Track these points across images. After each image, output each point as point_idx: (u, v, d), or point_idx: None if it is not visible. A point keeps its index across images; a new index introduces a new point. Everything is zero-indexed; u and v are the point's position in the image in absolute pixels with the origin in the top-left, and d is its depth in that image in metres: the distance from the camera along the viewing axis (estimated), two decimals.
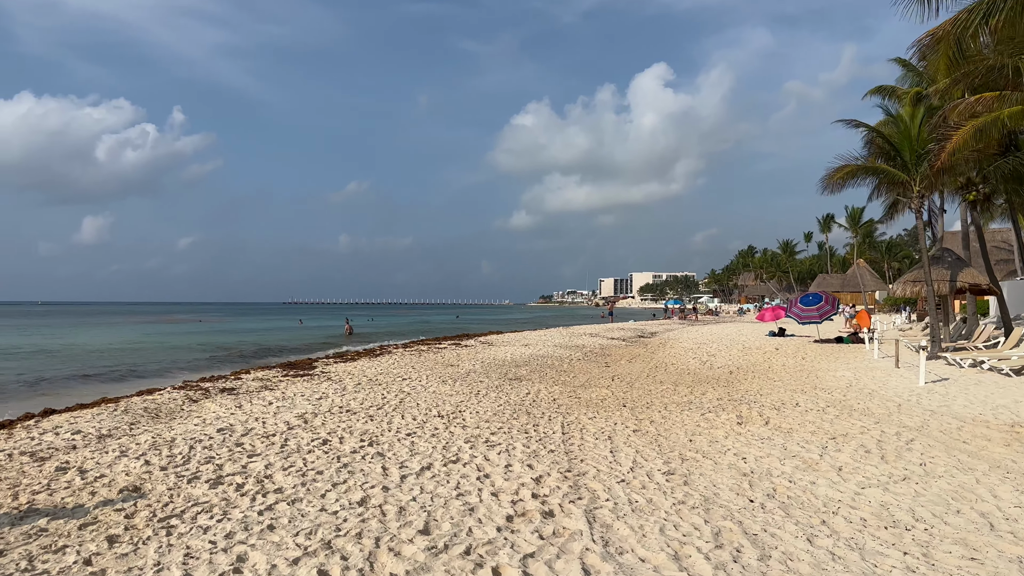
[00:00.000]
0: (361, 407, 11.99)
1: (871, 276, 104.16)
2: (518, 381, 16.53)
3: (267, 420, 10.59)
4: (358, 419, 10.75)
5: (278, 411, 11.50)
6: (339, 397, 13.19)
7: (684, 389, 15.34)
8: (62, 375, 22.12)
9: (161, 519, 5.76)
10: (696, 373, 18.99)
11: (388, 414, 11.30)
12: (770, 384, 15.98)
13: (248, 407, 11.95)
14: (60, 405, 13.87)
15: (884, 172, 22.81)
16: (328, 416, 11.00)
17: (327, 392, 13.96)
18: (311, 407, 11.93)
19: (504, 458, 8.09)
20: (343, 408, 11.84)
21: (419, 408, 11.95)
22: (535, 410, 11.98)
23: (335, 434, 9.44)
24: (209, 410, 11.70)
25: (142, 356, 30.11)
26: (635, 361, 22.96)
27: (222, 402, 12.49)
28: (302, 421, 10.50)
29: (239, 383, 15.60)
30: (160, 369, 24.06)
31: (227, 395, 13.59)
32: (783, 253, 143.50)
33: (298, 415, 11.02)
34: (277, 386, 15.07)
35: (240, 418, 10.75)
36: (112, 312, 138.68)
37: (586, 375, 18.50)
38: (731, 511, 6.09)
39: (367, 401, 12.72)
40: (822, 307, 30.39)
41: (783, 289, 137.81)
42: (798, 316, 30.71)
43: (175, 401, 12.78)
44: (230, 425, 10.11)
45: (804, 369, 19.40)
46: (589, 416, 11.37)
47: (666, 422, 10.86)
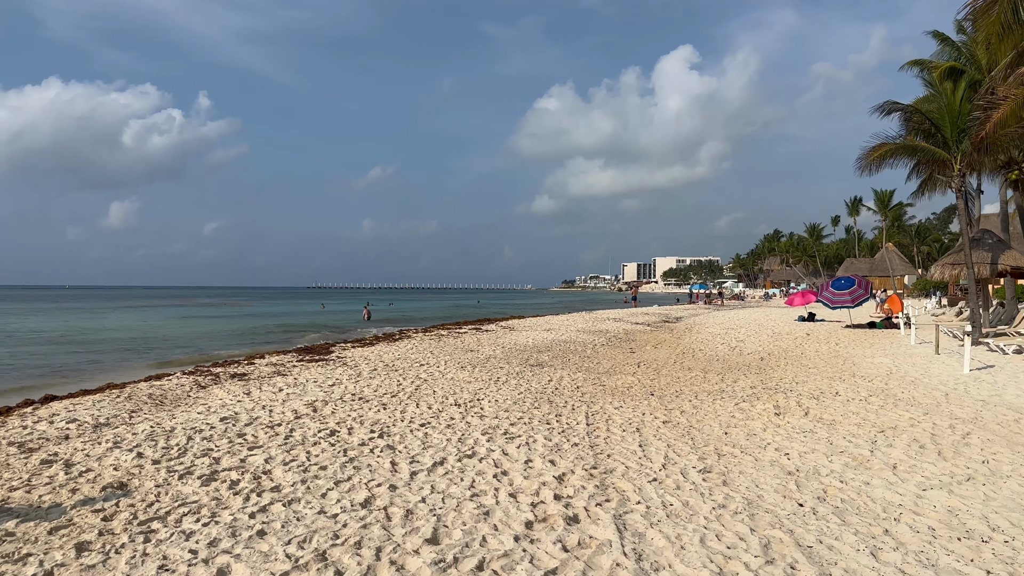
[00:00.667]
0: (375, 394, 11.41)
1: (900, 260, 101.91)
2: (540, 367, 15.88)
3: (274, 408, 10.03)
4: (370, 407, 10.16)
5: (287, 398, 10.95)
6: (353, 384, 12.62)
7: (714, 376, 14.60)
8: (78, 359, 21.86)
9: (142, 522, 5.19)
10: (725, 359, 18.21)
11: (402, 402, 10.70)
12: (805, 371, 15.17)
13: (257, 394, 11.42)
14: (73, 389, 13.49)
15: (923, 150, 21.72)
16: (339, 404, 10.43)
17: (341, 378, 13.40)
18: (322, 394, 11.37)
19: (524, 452, 7.44)
20: (356, 395, 11.26)
21: (435, 396, 11.34)
22: (557, 399, 11.33)
23: (344, 424, 8.86)
24: (216, 397, 11.19)
25: (161, 340, 29.89)
26: (661, 347, 22.21)
27: (231, 388, 11.98)
28: (311, 410, 9.93)
29: (251, 368, 15.11)
30: (176, 353, 23.72)
31: (237, 381, 13.08)
32: (810, 237, 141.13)
33: (308, 403, 10.46)
34: (290, 371, 14.55)
35: (247, 406, 10.21)
36: (138, 296, 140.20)
37: (611, 361, 17.80)
38: (779, 517, 5.40)
39: (381, 388, 12.15)
40: (855, 291, 29.34)
41: (810, 274, 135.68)
42: (830, 300, 29.69)
43: (182, 387, 12.30)
44: (235, 414, 9.57)
45: (839, 355, 18.53)
46: (615, 405, 10.69)
47: (698, 412, 10.15)
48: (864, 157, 21.89)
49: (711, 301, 66.19)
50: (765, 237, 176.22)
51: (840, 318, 34.88)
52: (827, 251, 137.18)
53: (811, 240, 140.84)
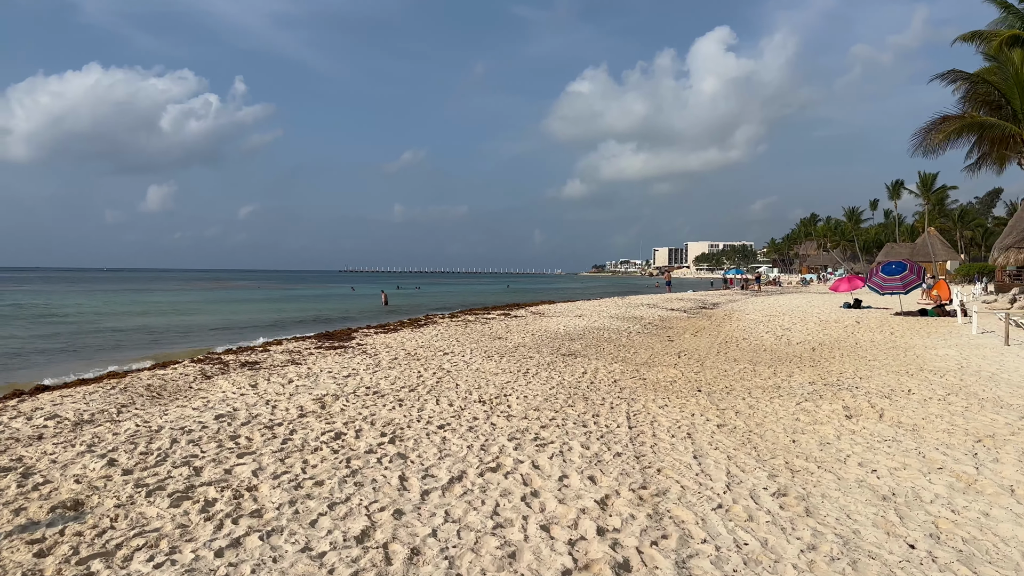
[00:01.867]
0: (392, 388, 10.34)
1: (942, 245, 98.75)
2: (572, 357, 14.72)
3: (279, 404, 9.01)
4: (385, 404, 9.09)
5: (296, 392, 9.93)
6: (369, 375, 11.58)
7: (765, 369, 13.31)
8: (97, 343, 21.19)
9: (81, 560, 4.15)
10: (773, 350, 16.87)
11: (421, 397, 9.62)
12: (865, 364, 13.81)
13: (264, 386, 10.42)
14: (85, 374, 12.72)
15: (992, 125, 20.04)
16: (351, 399, 9.38)
17: (357, 368, 12.37)
18: (335, 387, 10.33)
19: (558, 465, 6.30)
20: (371, 389, 10.21)
21: (458, 390, 10.24)
22: (594, 395, 10.16)
23: (352, 425, 7.79)
24: (219, 389, 10.22)
25: (183, 324, 29.27)
26: (701, 335, 20.89)
27: (236, 379, 11.00)
28: (319, 405, 8.89)
29: (265, 356, 14.17)
30: (196, 337, 22.98)
31: (247, 370, 12.13)
32: (848, 221, 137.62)
33: (316, 397, 9.42)
34: (305, 360, 13.57)
35: (249, 400, 9.21)
36: (173, 278, 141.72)
37: (648, 351, 16.57)
38: (890, 568, 4.19)
39: (400, 380, 11.08)
40: (906, 276, 27.63)
41: (848, 258, 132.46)
42: (879, 286, 28.02)
43: (186, 377, 11.36)
44: (233, 410, 8.56)
45: (897, 346, 17.09)
46: (659, 404, 9.49)
47: (755, 414, 8.92)
48: (928, 135, 20.27)
49: (747, 287, 64.33)
50: (801, 221, 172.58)
51: (887, 305, 33.14)
52: (866, 235, 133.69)
53: (849, 224, 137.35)
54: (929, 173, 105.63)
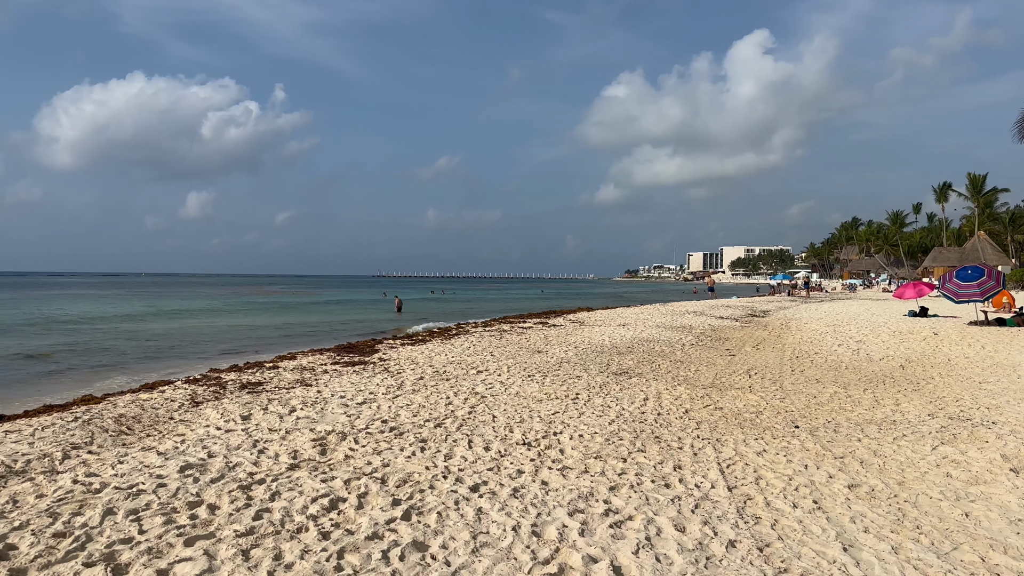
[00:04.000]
0: (413, 421, 8.37)
1: (993, 249, 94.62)
2: (626, 377, 12.64)
3: (269, 447, 7.08)
4: (403, 446, 7.12)
5: (295, 426, 8.01)
6: (388, 402, 9.63)
7: (860, 394, 11.11)
8: (98, 358, 19.61)
9: None
10: (856, 368, 14.60)
11: (449, 435, 7.63)
12: (978, 389, 11.52)
13: (258, 417, 8.53)
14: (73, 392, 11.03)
15: None
16: (361, 439, 7.42)
17: (376, 392, 10.44)
18: (344, 419, 8.39)
19: (649, 566, 4.25)
20: (388, 423, 8.24)
21: (495, 425, 8.23)
22: (666, 432, 8.08)
23: (356, 484, 5.80)
24: (203, 422, 8.34)
25: (204, 332, 27.74)
26: (763, 347, 18.65)
27: (228, 408, 9.12)
28: (318, 449, 6.95)
29: (273, 374, 12.31)
30: (209, 348, 21.31)
31: (245, 393, 10.26)
32: (892, 225, 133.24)
33: (318, 436, 7.47)
34: (317, 379, 11.69)
35: (232, 441, 7.30)
36: (208, 284, 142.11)
37: (711, 368, 14.42)
38: None
39: (425, 409, 9.11)
40: (984, 282, 25.00)
41: (891, 263, 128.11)
42: (954, 294, 25.43)
43: (171, 404, 9.51)
44: (208, 456, 6.65)
45: (999, 363, 14.71)
46: (754, 448, 7.39)
47: (887, 465, 6.77)
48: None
49: (794, 292, 61.44)
50: (842, 225, 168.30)
51: (954, 313, 30.44)
52: (910, 240, 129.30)
53: (893, 228, 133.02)
54: (979, 175, 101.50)
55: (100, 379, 14.84)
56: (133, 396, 10.09)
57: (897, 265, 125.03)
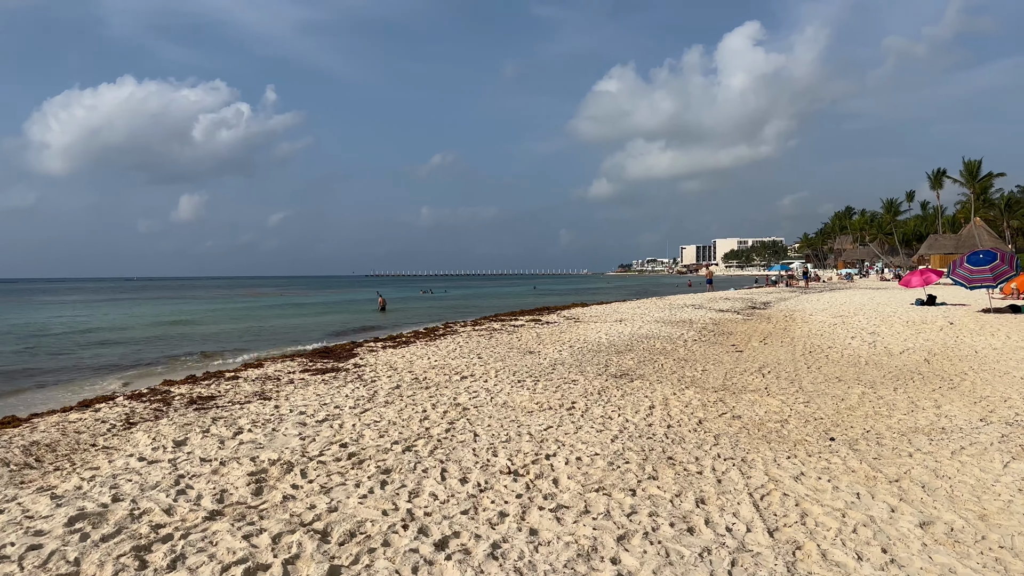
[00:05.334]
0: (379, 444, 7.03)
1: (989, 236, 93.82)
2: (627, 380, 11.33)
3: (196, 483, 5.74)
4: (359, 480, 5.78)
5: (236, 453, 6.67)
6: (354, 418, 8.29)
7: (892, 394, 9.82)
8: (57, 364, 18.20)
9: None
10: (877, 363, 13.33)
11: (420, 462, 6.31)
12: (1018, 384, 10.27)
13: (195, 442, 7.18)
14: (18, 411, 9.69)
15: None
16: (311, 470, 6.09)
17: (342, 406, 9.10)
18: (298, 443, 7.05)
19: None
20: (347, 447, 6.90)
21: (477, 446, 6.90)
22: (679, 450, 6.77)
23: (287, 542, 4.45)
24: (129, 449, 6.99)
25: (181, 335, 26.31)
26: (771, 342, 17.38)
27: (163, 431, 7.76)
28: (253, 488, 5.60)
29: (231, 385, 10.96)
30: (177, 355, 19.90)
31: (191, 411, 8.91)
32: (887, 213, 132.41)
33: (258, 469, 6.13)
34: (279, 391, 10.34)
35: (153, 476, 5.95)
36: (200, 287, 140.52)
37: (719, 367, 13.13)
38: None
39: (395, 428, 7.77)
40: (997, 267, 23.75)
41: (886, 252, 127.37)
42: (966, 279, 24.19)
43: (100, 425, 8.16)
44: (112, 501, 5.30)
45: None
46: (789, 470, 6.08)
47: (955, 490, 5.48)
48: None
49: (792, 283, 60.26)
50: (836, 215, 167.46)
51: (962, 300, 29.26)
52: (904, 228, 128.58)
53: (888, 216, 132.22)
54: (974, 160, 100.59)
55: (40, 394, 13.46)
56: (60, 417, 8.72)
57: (892, 253, 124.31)
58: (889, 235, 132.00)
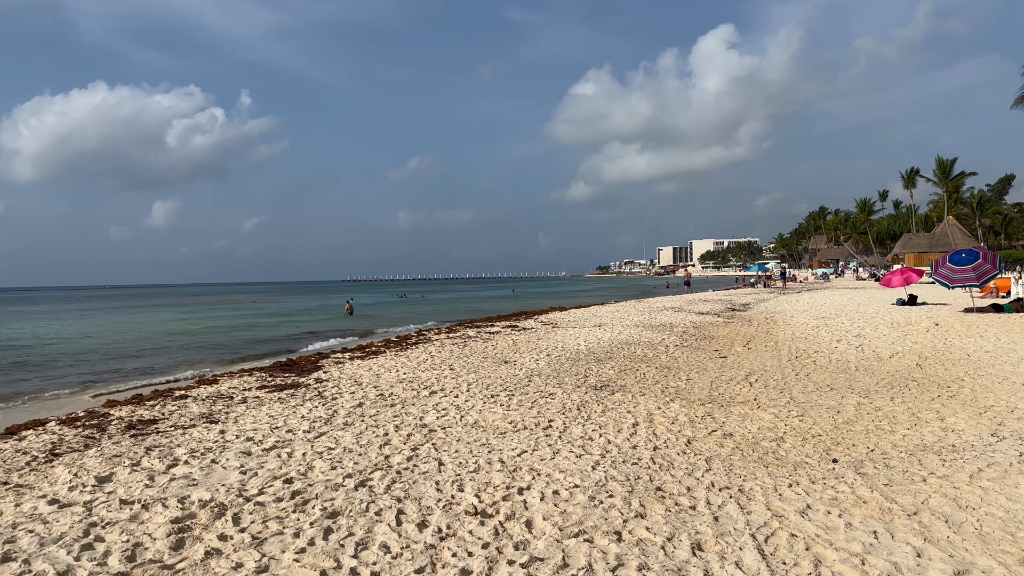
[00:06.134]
0: (328, 479, 6.22)
1: (962, 234, 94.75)
2: (608, 392, 10.60)
3: (107, 534, 4.89)
4: (299, 528, 4.97)
5: (163, 492, 5.82)
6: (306, 445, 7.46)
7: (888, 404, 9.18)
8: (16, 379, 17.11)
9: None
10: (867, 368, 12.73)
11: (373, 501, 5.51)
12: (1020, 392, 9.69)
13: (122, 476, 6.31)
14: None
15: None
16: (245, 514, 5.27)
17: (296, 428, 8.26)
18: (236, 478, 6.22)
19: None
20: (292, 483, 6.07)
21: (441, 479, 6.11)
22: (668, 478, 6.03)
23: None
24: (42, 488, 6.10)
25: (139, 348, 25.18)
26: (754, 346, 16.77)
27: (88, 464, 6.87)
28: (173, 541, 4.77)
29: (178, 406, 10.06)
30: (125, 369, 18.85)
31: (127, 437, 8.02)
32: (861, 213, 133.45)
33: (184, 515, 5.29)
34: (230, 412, 9.47)
35: (60, 526, 5.09)
36: (174, 294, 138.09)
37: (703, 374, 12.46)
38: None
39: (350, 457, 6.96)
40: (980, 266, 23.41)
41: (861, 251, 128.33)
42: (948, 279, 23.81)
43: (22, 457, 7.24)
44: None
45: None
46: (794, 502, 5.36)
47: (984, 526, 4.80)
48: None
49: (770, 283, 60.08)
50: (810, 215, 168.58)
51: (943, 300, 28.98)
52: (878, 227, 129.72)
53: (862, 216, 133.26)
54: (947, 159, 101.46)
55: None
56: None
57: (866, 253, 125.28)
58: (863, 234, 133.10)
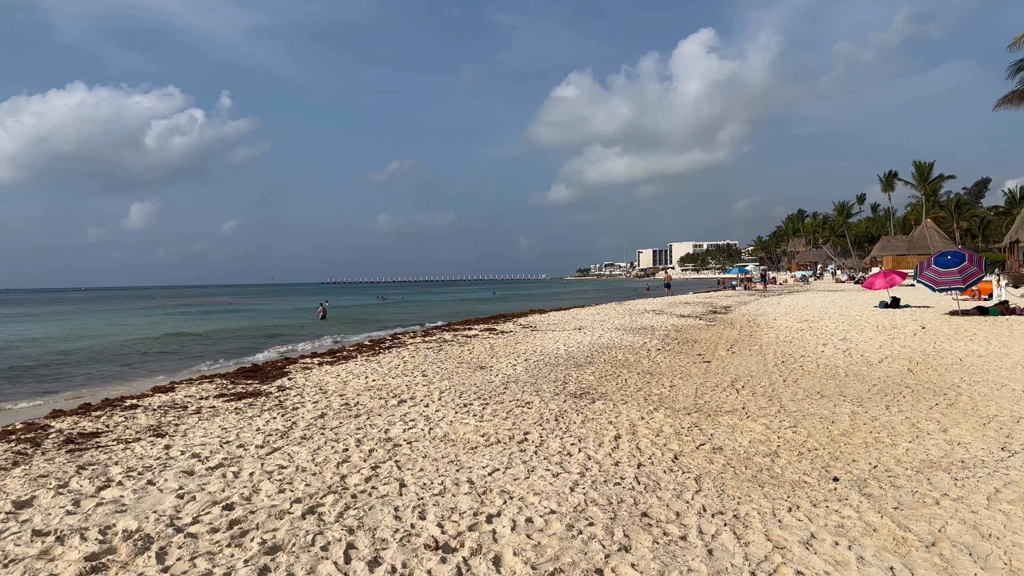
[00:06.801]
0: (273, 506, 5.54)
1: (940, 237, 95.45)
2: (588, 400, 9.99)
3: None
4: (233, 564, 4.29)
5: (84, 522, 5.11)
6: (256, 464, 6.77)
7: (884, 413, 8.65)
8: None
9: None
10: (857, 374, 12.24)
11: (322, 531, 4.84)
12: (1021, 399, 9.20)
13: (44, 501, 5.58)
14: None
15: None
16: (173, 548, 4.57)
17: (248, 443, 7.57)
18: (171, 503, 5.52)
19: None
20: (232, 510, 5.39)
21: (401, 504, 5.45)
22: (654, 501, 5.43)
23: None
24: None
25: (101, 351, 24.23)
26: (738, 350, 16.25)
27: (9, 487, 6.12)
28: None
29: (125, 416, 9.30)
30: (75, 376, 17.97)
31: (63, 453, 7.28)
32: (839, 215, 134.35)
33: (100, 550, 4.60)
34: (180, 424, 8.74)
35: None
36: (150, 296, 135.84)
37: (687, 380, 11.90)
38: None
39: (301, 477, 6.28)
40: (966, 268, 23.13)
41: (839, 254, 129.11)
42: (934, 282, 23.52)
43: None
44: None
45: (1020, 363, 12.53)
46: (796, 531, 4.77)
47: (1013, 557, 4.23)
48: None
49: (750, 286, 59.92)
50: (788, 218, 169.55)
51: (926, 302, 28.76)
52: (856, 230, 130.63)
53: (840, 219, 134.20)
54: (926, 162, 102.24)
55: None
56: None
57: (844, 255, 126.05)
58: (841, 237, 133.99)
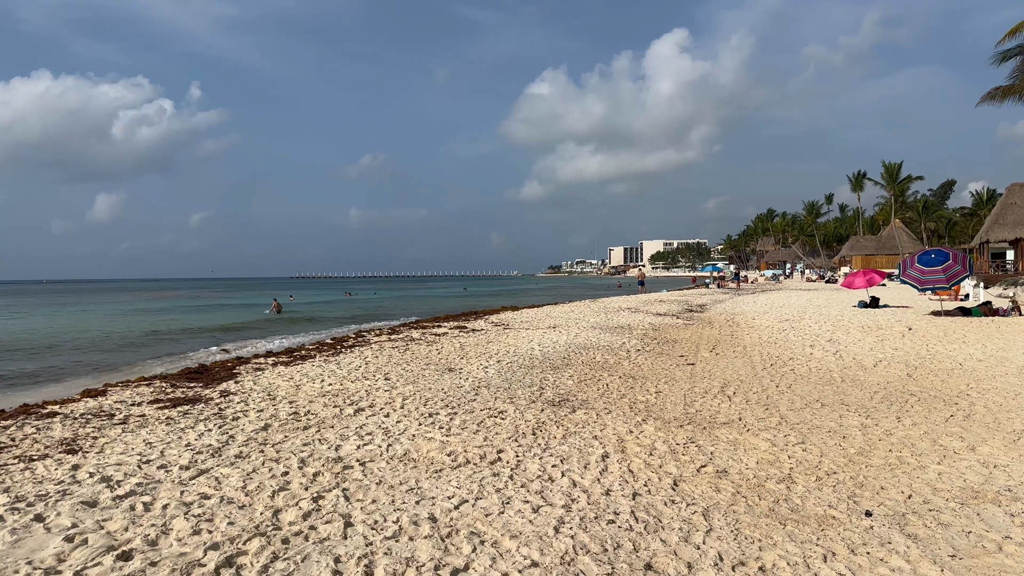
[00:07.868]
0: (181, 553, 4.42)
1: (908, 237, 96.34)
2: (569, 409, 8.97)
3: None
4: None
5: None
6: (174, 491, 5.62)
7: (897, 427, 7.75)
8: None
9: None
10: (854, 379, 11.39)
11: None
12: None
13: None
14: None
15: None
16: None
17: (173, 463, 6.41)
18: (55, 547, 4.38)
19: None
20: (131, 560, 4.27)
21: (344, 552, 4.37)
22: (658, 546, 4.41)
23: None
24: None
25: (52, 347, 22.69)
26: (722, 352, 15.37)
27: None
28: None
29: (38, 426, 8.07)
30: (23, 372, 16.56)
31: None
32: (808, 215, 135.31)
33: None
34: (99, 437, 7.54)
35: None
36: (113, 289, 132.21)
37: (673, 385, 10.94)
38: None
39: (226, 510, 5.16)
40: (950, 267, 22.56)
41: (808, 253, 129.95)
42: (918, 281, 22.94)
43: None
44: None
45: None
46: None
47: None
48: None
49: (723, 284, 59.51)
50: (758, 217, 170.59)
51: (906, 302, 28.31)
52: (825, 230, 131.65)
53: (809, 218, 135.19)
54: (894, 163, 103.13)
55: None
56: None
57: (813, 255, 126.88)
58: (810, 236, 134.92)
